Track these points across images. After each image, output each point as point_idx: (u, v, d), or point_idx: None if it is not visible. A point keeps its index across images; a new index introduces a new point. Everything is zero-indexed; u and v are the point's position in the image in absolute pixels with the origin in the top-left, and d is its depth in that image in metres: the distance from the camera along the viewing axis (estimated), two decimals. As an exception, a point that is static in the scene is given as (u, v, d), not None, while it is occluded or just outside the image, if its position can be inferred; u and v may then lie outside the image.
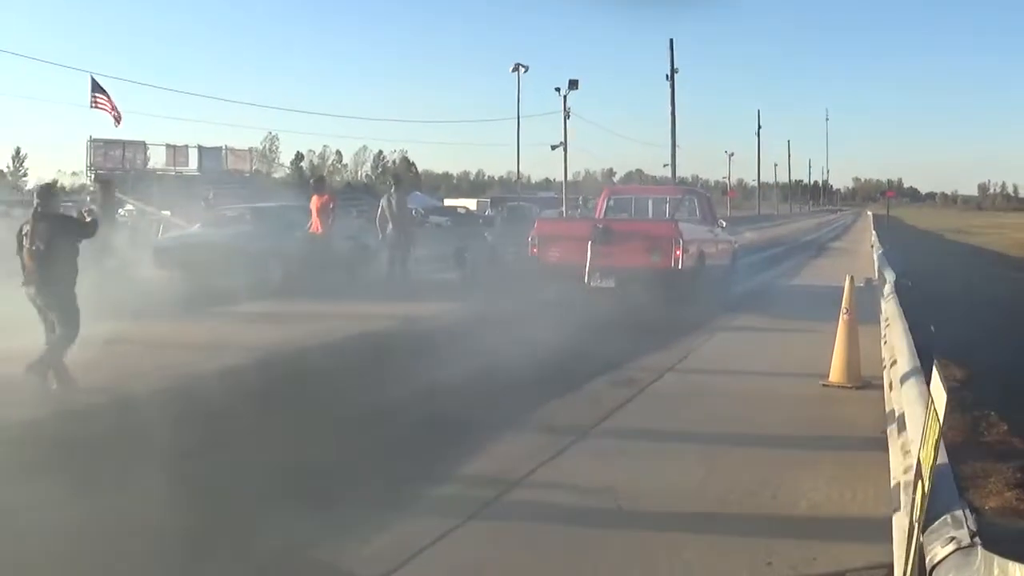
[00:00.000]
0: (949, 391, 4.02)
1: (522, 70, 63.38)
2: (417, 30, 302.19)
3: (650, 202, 25.85)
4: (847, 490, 8.33)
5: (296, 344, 15.68)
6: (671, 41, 76.12)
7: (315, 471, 8.76)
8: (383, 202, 25.93)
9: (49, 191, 13.24)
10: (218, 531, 7.21)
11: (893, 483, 6.77)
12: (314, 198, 25.17)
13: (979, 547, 3.54)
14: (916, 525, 4.14)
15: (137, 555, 6.76)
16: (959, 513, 3.93)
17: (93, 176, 56.39)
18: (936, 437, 4.06)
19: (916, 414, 6.08)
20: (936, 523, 4.02)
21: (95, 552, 6.79)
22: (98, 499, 7.72)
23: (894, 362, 9.98)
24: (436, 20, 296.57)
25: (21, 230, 12.69)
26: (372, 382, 12.98)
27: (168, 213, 31.18)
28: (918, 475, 4.34)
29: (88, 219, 13.22)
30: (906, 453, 6.30)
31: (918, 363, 8.14)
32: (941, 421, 4.01)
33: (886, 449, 8.11)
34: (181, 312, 18.58)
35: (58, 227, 12.66)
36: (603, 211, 24.67)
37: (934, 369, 4.43)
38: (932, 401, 4.28)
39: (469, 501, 7.92)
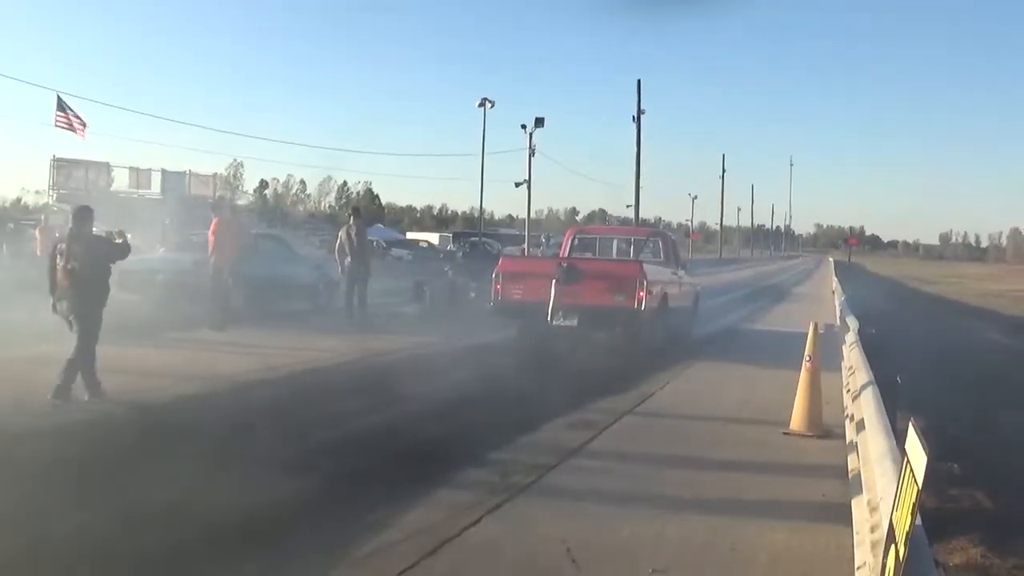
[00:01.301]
0: (928, 452, 3.78)
1: (488, 105, 63.17)
2: (385, 64, 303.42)
3: (615, 242, 25.81)
4: (808, 543, 8.11)
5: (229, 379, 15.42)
6: (639, 82, 76.39)
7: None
8: (342, 233, 25.64)
9: (85, 214, 13.76)
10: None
11: (857, 539, 6.55)
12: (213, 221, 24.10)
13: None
14: (888, 592, 3.91)
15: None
16: (936, 583, 3.71)
17: (55, 196, 55.90)
18: (913, 500, 3.82)
19: (885, 469, 5.87)
20: (912, 593, 3.79)
21: None
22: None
23: (859, 416, 9.78)
24: (405, 54, 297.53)
25: (55, 248, 13.48)
26: (307, 422, 12.71)
27: (129, 236, 30.93)
28: (891, 538, 4.11)
29: (119, 240, 14.00)
30: (872, 510, 6.08)
31: (885, 417, 7.92)
32: (919, 484, 3.77)
33: (848, 501, 7.92)
34: (142, 336, 18.43)
35: (93, 248, 13.46)
36: (568, 250, 24.64)
37: (910, 428, 4.19)
38: (908, 461, 4.05)
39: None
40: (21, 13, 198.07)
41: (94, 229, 13.88)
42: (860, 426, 9.37)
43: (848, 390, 13.00)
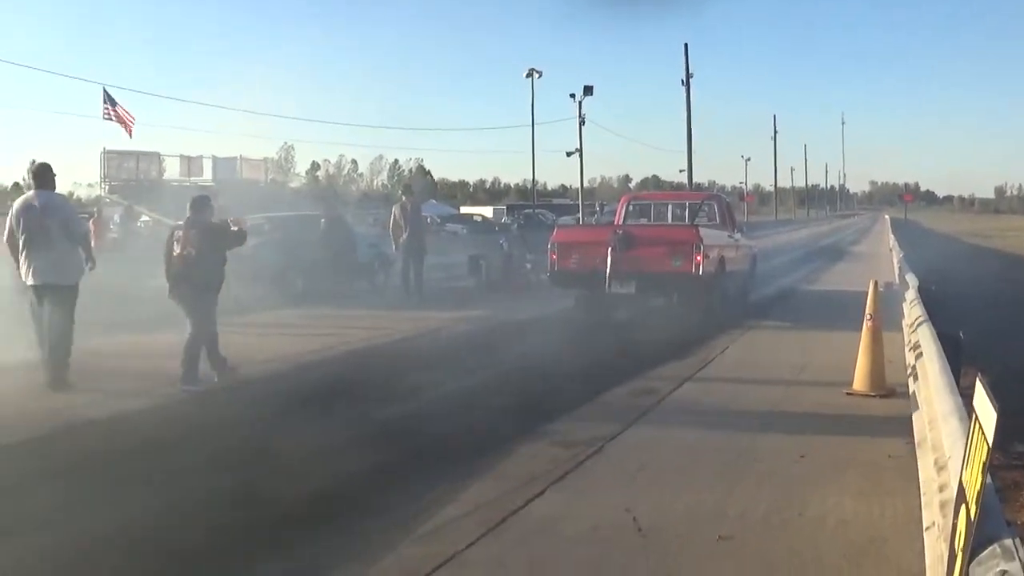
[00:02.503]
0: (998, 409, 3.69)
1: (536, 75, 63.02)
2: (432, 38, 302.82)
3: (670, 207, 25.54)
4: (875, 505, 8.01)
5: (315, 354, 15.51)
6: (686, 46, 75.96)
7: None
8: (396, 211, 25.69)
9: (202, 202, 14.14)
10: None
11: (925, 500, 6.47)
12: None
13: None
14: (960, 554, 3.82)
15: None
16: (1008, 543, 3.62)
17: (107, 188, 56.20)
18: (984, 459, 3.73)
19: (952, 428, 5.78)
20: (983, 553, 3.70)
21: None
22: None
23: (922, 374, 9.66)
24: (451, 27, 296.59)
25: (172, 235, 13.85)
26: (376, 398, 12.76)
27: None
28: (961, 498, 4.02)
29: (235, 228, 14.35)
30: (940, 469, 5.98)
31: (950, 374, 7.80)
32: (990, 441, 3.68)
33: (915, 461, 7.82)
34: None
35: (209, 235, 13.76)
36: (623, 217, 24.65)
37: (978, 384, 4.09)
38: (977, 418, 3.96)
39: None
40: (67, 7, 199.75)
41: (210, 217, 14.04)
42: (924, 384, 9.26)
43: (910, 348, 12.85)
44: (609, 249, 19.75)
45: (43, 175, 13.77)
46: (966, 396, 6.70)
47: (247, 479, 8.86)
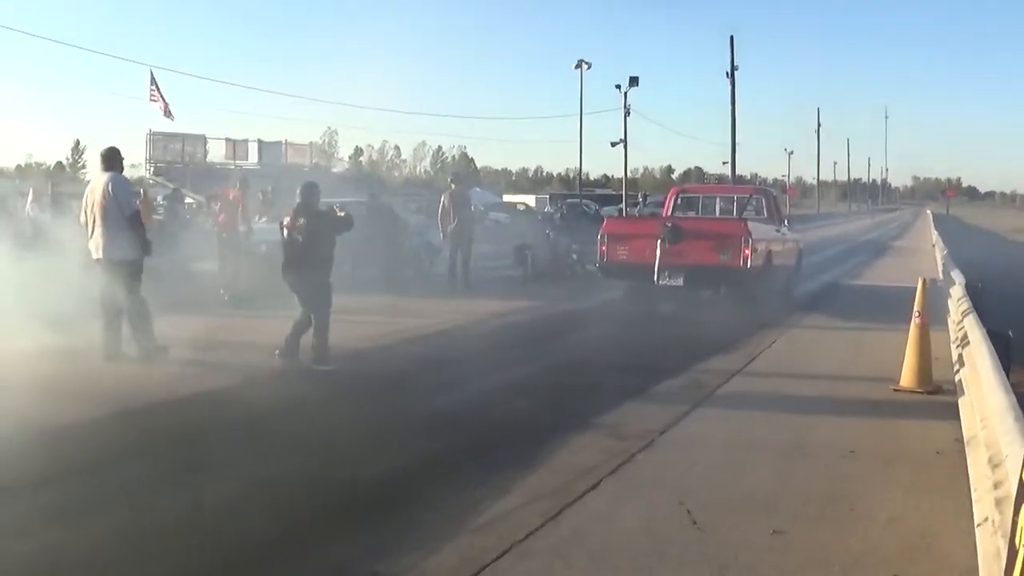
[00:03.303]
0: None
1: (585, 67, 62.82)
2: (477, 27, 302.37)
3: (717, 201, 25.67)
4: (925, 501, 8.07)
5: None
6: (731, 38, 75.51)
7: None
8: (444, 199, 25.61)
9: (312, 189, 14.49)
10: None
11: (976, 496, 6.54)
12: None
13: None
14: (1021, 550, 3.92)
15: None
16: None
17: (152, 169, 56.53)
18: (1049, 459, 3.82)
19: (1008, 426, 5.84)
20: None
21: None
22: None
23: (972, 371, 9.70)
24: (496, 16, 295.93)
25: (282, 223, 14.37)
26: (428, 387, 12.92)
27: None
28: (1022, 497, 4.11)
29: (342, 214, 14.54)
30: (994, 466, 6.04)
31: (1002, 372, 7.86)
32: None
33: (963, 458, 7.89)
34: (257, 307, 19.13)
35: (318, 221, 14.12)
36: (671, 209, 24.67)
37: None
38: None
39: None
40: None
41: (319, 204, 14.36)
42: (974, 381, 9.31)
43: (957, 345, 12.88)
44: (658, 241, 19.93)
45: (112, 158, 14.42)
46: (1018, 395, 6.80)
47: (309, 468, 9.03)
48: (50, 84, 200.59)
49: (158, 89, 50.61)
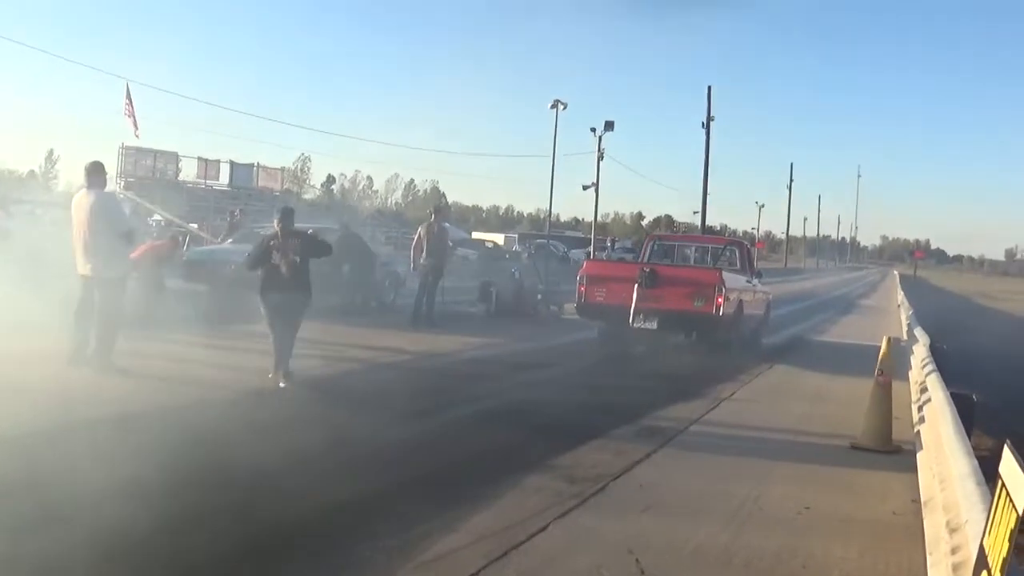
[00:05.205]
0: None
1: (561, 107, 62.91)
2: (451, 66, 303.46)
3: (692, 249, 27.20)
4: (880, 561, 7.98)
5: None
6: (709, 88, 76.09)
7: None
8: (422, 230, 25.41)
9: (290, 213, 14.97)
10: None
11: (932, 559, 6.43)
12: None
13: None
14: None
15: None
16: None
17: (123, 184, 56.36)
18: (1012, 527, 3.69)
19: (968, 491, 5.74)
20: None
21: None
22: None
23: (933, 433, 9.63)
24: (473, 53, 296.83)
25: (267, 244, 14.55)
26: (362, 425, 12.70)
27: (195, 226, 31.16)
28: (982, 564, 3.99)
29: (320, 239, 15.27)
30: (952, 531, 5.94)
31: (964, 435, 7.77)
32: (1020, 510, 3.64)
33: (920, 520, 7.79)
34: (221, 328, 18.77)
35: (306, 243, 14.65)
36: (647, 255, 25.54)
37: (1006, 450, 4.06)
38: (1004, 484, 3.92)
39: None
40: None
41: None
42: (934, 443, 9.23)
43: (918, 406, 12.82)
44: (636, 285, 20.48)
45: (95, 172, 14.56)
46: (980, 459, 6.70)
47: (251, 497, 8.82)
48: (24, 91, 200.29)
49: (131, 104, 50.56)
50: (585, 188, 63.12)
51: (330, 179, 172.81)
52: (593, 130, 61.95)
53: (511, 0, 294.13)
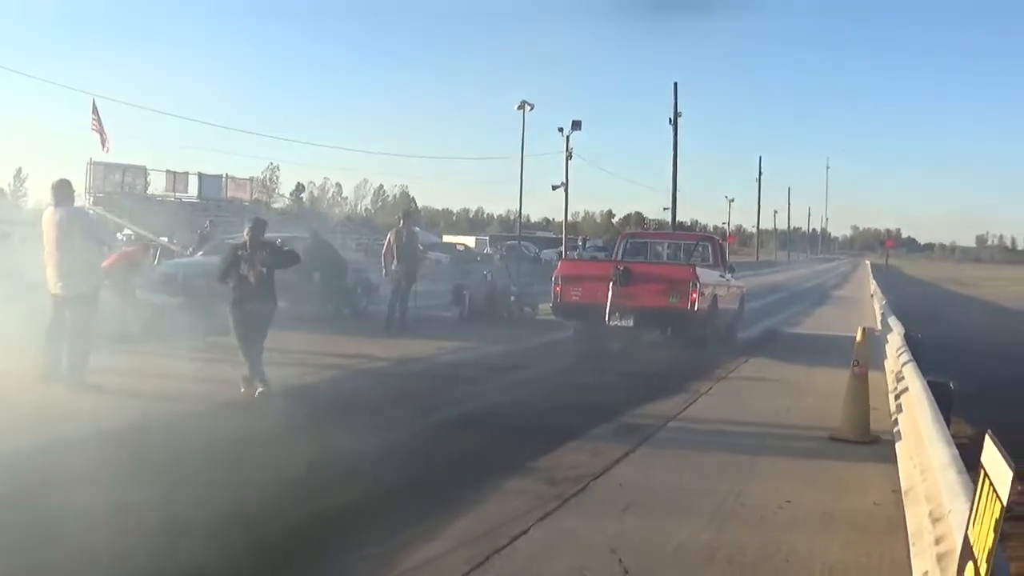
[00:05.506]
0: (1013, 467, 3.63)
1: (528, 108, 62.83)
2: (419, 67, 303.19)
3: (665, 246, 27.17)
4: (862, 553, 7.96)
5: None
6: (675, 84, 76.58)
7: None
8: (391, 235, 25.31)
9: (261, 224, 14.97)
10: None
11: (915, 551, 6.42)
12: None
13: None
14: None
15: None
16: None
17: (91, 200, 56.06)
18: (996, 517, 3.67)
19: (950, 481, 5.73)
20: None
21: None
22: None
23: (911, 423, 9.63)
24: (438, 56, 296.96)
25: (235, 255, 14.51)
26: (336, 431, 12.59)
27: (165, 239, 30.99)
28: (967, 555, 3.97)
29: (286, 249, 15.58)
30: (935, 520, 5.93)
31: (943, 424, 7.77)
32: (1003, 499, 3.62)
33: (901, 510, 7.78)
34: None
35: (274, 254, 14.79)
36: (620, 254, 25.76)
37: (988, 440, 4.04)
38: (987, 475, 3.91)
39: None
40: (59, 15, 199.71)
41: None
42: (913, 432, 9.22)
43: (896, 395, 12.84)
44: (611, 284, 20.67)
45: (61, 190, 14.50)
46: (959, 446, 6.69)
47: (231, 510, 8.74)
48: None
49: (99, 119, 50.38)
50: (555, 188, 63.34)
51: (299, 187, 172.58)
52: (560, 130, 62.12)
53: (476, 2, 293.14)
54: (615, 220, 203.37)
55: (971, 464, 5.18)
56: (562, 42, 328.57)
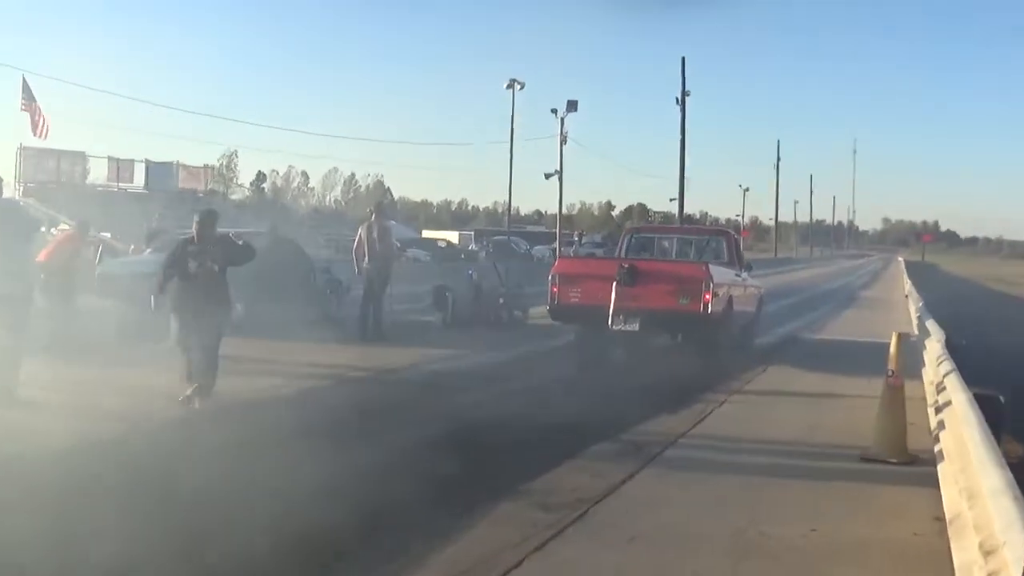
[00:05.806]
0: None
1: (518, 87, 62.46)
2: (399, 49, 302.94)
3: (674, 242, 26.65)
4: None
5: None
6: (683, 59, 76.24)
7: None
8: (362, 231, 25.17)
9: (213, 217, 15.26)
10: None
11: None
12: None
13: None
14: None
15: None
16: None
17: (22, 190, 55.77)
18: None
19: (1005, 508, 5.65)
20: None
21: None
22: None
23: (955, 441, 9.55)
24: (418, 33, 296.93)
25: (183, 250, 14.70)
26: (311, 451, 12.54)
27: (108, 235, 30.87)
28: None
29: (240, 243, 15.60)
30: (987, 553, 5.85)
31: (994, 443, 7.68)
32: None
33: (945, 541, 7.71)
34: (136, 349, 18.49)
35: (227, 250, 14.91)
36: (624, 250, 25.35)
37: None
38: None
39: None
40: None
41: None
42: (958, 452, 9.14)
43: (936, 409, 12.75)
44: (614, 284, 20.21)
45: None
46: (1010, 467, 6.61)
47: (191, 543, 8.65)
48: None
49: (31, 99, 50.16)
50: (548, 176, 63.02)
51: (260, 176, 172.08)
52: (555, 111, 61.72)
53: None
54: (615, 212, 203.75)
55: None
56: (555, 20, 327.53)
